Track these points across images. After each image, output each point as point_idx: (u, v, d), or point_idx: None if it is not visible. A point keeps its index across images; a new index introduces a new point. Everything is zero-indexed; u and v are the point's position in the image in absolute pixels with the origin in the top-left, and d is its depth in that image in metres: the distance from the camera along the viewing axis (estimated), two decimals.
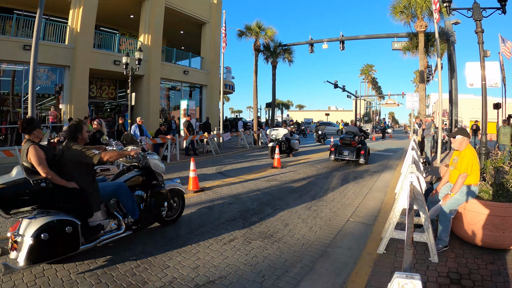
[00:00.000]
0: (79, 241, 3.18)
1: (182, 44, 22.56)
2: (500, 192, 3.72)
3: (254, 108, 18.85)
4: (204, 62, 20.25)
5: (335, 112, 62.97)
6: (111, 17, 16.80)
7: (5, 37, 11.58)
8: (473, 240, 3.61)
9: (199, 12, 18.86)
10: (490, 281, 2.93)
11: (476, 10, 7.55)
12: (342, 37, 19.06)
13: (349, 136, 10.12)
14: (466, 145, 3.72)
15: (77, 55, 12.99)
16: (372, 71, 55.86)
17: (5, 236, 3.90)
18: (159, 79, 16.88)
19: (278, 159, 9.72)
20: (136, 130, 10.38)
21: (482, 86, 7.87)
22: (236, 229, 4.34)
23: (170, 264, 3.31)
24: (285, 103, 71.95)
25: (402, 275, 1.32)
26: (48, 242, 2.95)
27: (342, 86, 35.19)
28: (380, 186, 7.21)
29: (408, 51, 17.10)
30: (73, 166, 3.36)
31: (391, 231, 3.54)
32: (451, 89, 15.87)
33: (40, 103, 13.17)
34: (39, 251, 2.91)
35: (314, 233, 4.22)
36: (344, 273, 3.17)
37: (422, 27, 14.43)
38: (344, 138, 10.18)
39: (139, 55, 12.10)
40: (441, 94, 11.30)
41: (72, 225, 3.11)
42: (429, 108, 41.59)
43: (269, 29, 18.41)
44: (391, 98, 43.98)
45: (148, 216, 3.98)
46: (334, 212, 5.17)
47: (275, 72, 19.89)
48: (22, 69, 12.10)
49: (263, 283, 2.96)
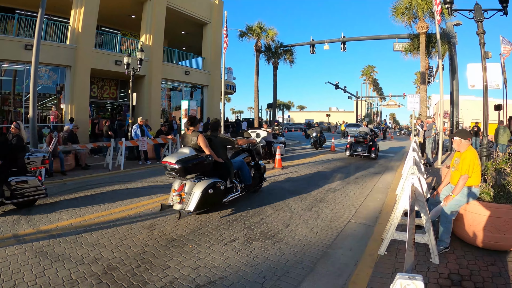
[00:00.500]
0: (224, 196, 5.00)
1: (184, 45, 22.59)
2: (501, 193, 3.72)
3: (255, 108, 18.87)
4: (205, 63, 20.27)
5: (336, 113, 62.90)
6: (113, 17, 16.83)
7: (7, 36, 11.62)
8: (474, 241, 3.60)
9: (201, 12, 18.89)
10: (491, 282, 2.92)
11: (477, 11, 7.55)
12: (343, 38, 19.08)
13: (362, 135, 11.86)
14: (467, 147, 3.72)
15: (78, 55, 13.02)
16: (373, 72, 55.85)
17: (27, 231, 3.91)
18: (160, 79, 16.90)
19: (279, 160, 9.72)
20: (137, 130, 10.39)
21: (484, 87, 7.86)
22: (237, 230, 4.34)
23: (171, 264, 3.31)
24: (286, 104, 71.93)
25: (405, 276, 1.32)
26: (211, 195, 4.63)
27: (343, 87, 35.22)
28: (381, 187, 7.21)
29: (409, 52, 17.12)
30: (221, 148, 5.27)
31: (392, 232, 3.53)
32: (452, 91, 15.86)
33: (41, 102, 13.20)
34: (205, 201, 4.58)
35: (315, 234, 4.22)
36: (345, 274, 3.16)
37: (423, 28, 14.44)
38: (357, 136, 11.95)
39: (140, 55, 12.12)
40: (442, 96, 11.29)
41: (223, 185, 4.93)
42: (430, 109, 41.54)
43: (271, 30, 18.46)
44: (392, 99, 44.03)
45: (254, 183, 6.03)
46: (335, 213, 5.17)
47: (276, 72, 19.92)
48: (23, 69, 12.13)
49: (264, 284, 2.95)
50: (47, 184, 7.26)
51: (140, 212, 5.12)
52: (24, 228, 4.33)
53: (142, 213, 5.07)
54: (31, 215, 4.92)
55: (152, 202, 5.72)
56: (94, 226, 4.41)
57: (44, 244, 3.77)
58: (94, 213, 5.04)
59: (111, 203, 5.64)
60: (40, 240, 3.87)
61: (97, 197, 6.11)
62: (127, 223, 4.56)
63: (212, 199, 4.68)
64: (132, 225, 4.48)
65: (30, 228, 4.35)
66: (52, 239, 3.93)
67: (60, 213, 5.06)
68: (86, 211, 5.14)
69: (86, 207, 5.38)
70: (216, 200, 4.82)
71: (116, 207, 5.42)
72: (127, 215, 4.97)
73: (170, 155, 4.75)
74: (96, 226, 4.43)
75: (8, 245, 3.72)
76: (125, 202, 5.75)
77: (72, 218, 4.80)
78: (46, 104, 13.62)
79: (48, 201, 5.74)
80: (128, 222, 4.63)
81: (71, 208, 5.31)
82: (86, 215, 4.91)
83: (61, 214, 4.98)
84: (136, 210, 5.22)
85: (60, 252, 3.56)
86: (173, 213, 5.00)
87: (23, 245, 3.73)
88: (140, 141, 10.07)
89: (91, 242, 3.87)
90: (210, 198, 4.62)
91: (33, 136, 8.36)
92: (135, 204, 5.62)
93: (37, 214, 4.98)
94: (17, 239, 3.92)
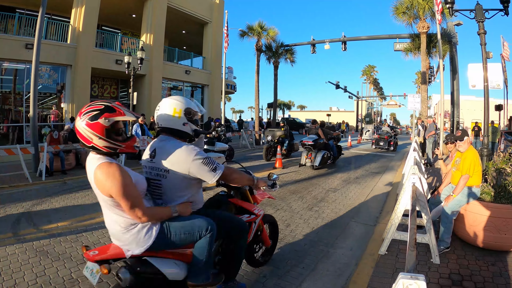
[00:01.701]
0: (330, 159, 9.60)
1: (184, 44, 22.57)
2: (502, 193, 3.71)
3: (256, 108, 18.85)
4: (206, 62, 20.25)
5: (336, 112, 62.79)
6: (113, 17, 16.81)
7: (8, 35, 11.61)
8: (475, 241, 3.60)
9: (201, 11, 18.87)
10: (492, 282, 2.92)
11: (478, 11, 7.52)
12: (344, 38, 19.04)
13: (384, 133, 15.71)
14: (468, 147, 3.72)
15: (79, 54, 13.00)
16: (374, 72, 55.72)
17: (28, 230, 3.91)
18: (161, 79, 16.88)
19: (280, 160, 9.72)
20: (137, 129, 10.41)
21: (484, 87, 7.85)
22: None
23: None
24: (286, 104, 71.94)
25: (407, 275, 1.32)
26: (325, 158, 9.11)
27: (344, 87, 35.20)
28: (381, 187, 7.21)
29: (410, 52, 17.09)
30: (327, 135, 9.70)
31: (393, 232, 3.53)
32: (452, 91, 15.85)
33: (41, 102, 13.19)
34: (322, 161, 8.96)
35: (315, 234, 4.21)
36: (345, 273, 3.16)
37: (424, 28, 14.42)
38: (380, 134, 15.85)
39: (141, 55, 12.12)
40: (442, 96, 11.29)
41: (331, 154, 9.67)
42: (431, 109, 41.51)
43: (271, 29, 18.42)
44: (392, 99, 43.97)
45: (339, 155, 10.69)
46: (336, 213, 5.17)
47: (277, 72, 19.89)
48: (24, 68, 12.12)
49: (265, 283, 2.95)
50: (47, 183, 7.28)
51: None
52: (24, 227, 4.33)
53: None
54: (32, 214, 4.93)
55: None
56: (94, 225, 4.41)
57: (44, 243, 3.78)
58: (94, 212, 5.04)
59: None
60: (41, 239, 3.88)
61: None
62: None
63: (325, 160, 9.16)
64: None
65: (30, 227, 4.36)
66: (52, 238, 3.93)
67: (60, 212, 5.07)
68: (87, 210, 5.14)
69: (87, 206, 5.38)
70: (326, 161, 9.33)
71: None
72: None
73: (307, 138, 9.32)
74: (96, 225, 4.43)
75: (8, 244, 3.72)
76: None
77: (72, 217, 4.80)
78: (47, 103, 13.61)
79: (48, 200, 5.74)
80: None
81: (71, 207, 5.32)
82: (87, 214, 4.91)
83: (61, 213, 4.98)
84: None
85: (61, 251, 3.56)
86: None
87: (24, 244, 3.73)
88: (141, 140, 10.06)
89: (91, 241, 3.87)
90: (324, 160, 9.06)
91: (33, 135, 8.36)
92: None
93: (38, 213, 4.98)
94: (18, 238, 3.92)
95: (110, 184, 1.71)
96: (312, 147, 9.00)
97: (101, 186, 1.75)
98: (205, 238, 2.03)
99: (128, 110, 1.90)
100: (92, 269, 1.87)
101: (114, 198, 1.75)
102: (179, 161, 2.00)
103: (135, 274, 1.85)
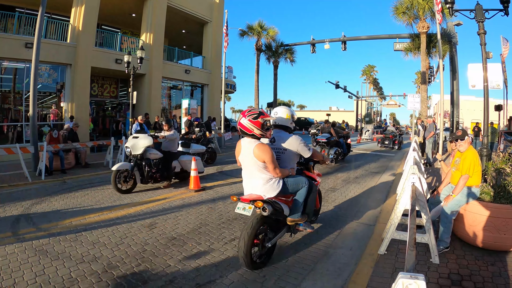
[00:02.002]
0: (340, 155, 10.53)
1: (184, 43, 22.54)
2: (501, 193, 3.71)
3: (256, 107, 18.88)
4: (206, 62, 20.24)
5: (336, 112, 62.77)
6: (113, 16, 16.79)
7: (7, 34, 11.58)
8: (474, 241, 3.60)
9: (201, 11, 18.85)
10: (491, 282, 2.92)
11: (478, 11, 7.52)
12: (344, 38, 19.06)
13: (389, 132, 16.31)
14: (468, 147, 3.72)
15: (78, 53, 12.98)
16: (374, 71, 55.73)
17: (27, 230, 3.90)
18: (161, 78, 16.86)
19: None
20: (137, 129, 10.43)
21: (484, 87, 7.84)
22: (237, 229, 4.34)
23: (171, 263, 3.31)
24: (286, 103, 71.89)
25: (406, 275, 1.32)
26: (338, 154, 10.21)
27: (344, 87, 35.22)
28: (381, 186, 7.21)
29: (410, 52, 17.11)
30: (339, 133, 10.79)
31: (392, 232, 3.53)
32: (452, 91, 15.86)
33: (41, 101, 13.17)
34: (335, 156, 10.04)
35: (315, 233, 4.21)
36: (345, 273, 3.16)
37: (424, 28, 14.42)
38: (386, 133, 16.50)
39: (140, 54, 12.09)
40: (442, 95, 11.28)
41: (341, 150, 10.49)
42: (431, 109, 41.55)
43: (271, 29, 18.44)
44: (392, 99, 43.98)
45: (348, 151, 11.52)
46: (335, 213, 5.16)
47: (276, 72, 19.91)
48: (23, 67, 12.10)
49: (264, 283, 2.95)
50: (47, 182, 7.27)
51: (140, 211, 5.11)
52: (24, 227, 4.33)
53: (142, 212, 5.07)
54: (31, 213, 4.93)
55: (152, 201, 5.72)
56: (94, 225, 4.41)
57: (44, 242, 3.77)
58: (94, 211, 5.04)
59: (111, 202, 5.64)
60: (40, 239, 3.87)
61: (97, 195, 6.11)
62: (127, 222, 4.56)
63: (336, 156, 10.04)
64: (132, 224, 4.48)
65: (30, 226, 4.35)
66: (52, 237, 3.93)
67: (60, 211, 5.06)
68: (86, 210, 5.14)
69: (86, 206, 5.38)
70: (338, 156, 10.19)
71: (116, 205, 5.42)
72: (127, 213, 4.97)
73: (321, 136, 10.31)
74: (96, 224, 4.43)
75: (8, 243, 3.72)
76: (125, 200, 5.75)
77: (72, 216, 4.79)
78: (46, 102, 13.59)
79: (48, 200, 5.74)
80: (128, 220, 4.63)
81: (71, 207, 5.32)
82: (86, 214, 4.91)
83: (61, 213, 4.98)
84: (136, 209, 5.22)
85: (60, 250, 3.56)
86: (173, 212, 5.02)
87: (23, 243, 3.73)
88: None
89: (91, 240, 3.87)
90: (336, 155, 9.99)
91: (33, 135, 8.35)
92: (135, 202, 5.62)
93: (37, 212, 4.98)
94: (17, 238, 3.92)
95: (265, 154, 3.00)
96: (325, 144, 10.11)
97: (259, 156, 3.02)
98: (304, 188, 3.39)
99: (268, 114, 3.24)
100: (244, 207, 3.13)
101: (266, 163, 3.05)
102: (291, 144, 3.48)
103: (273, 207, 3.10)
